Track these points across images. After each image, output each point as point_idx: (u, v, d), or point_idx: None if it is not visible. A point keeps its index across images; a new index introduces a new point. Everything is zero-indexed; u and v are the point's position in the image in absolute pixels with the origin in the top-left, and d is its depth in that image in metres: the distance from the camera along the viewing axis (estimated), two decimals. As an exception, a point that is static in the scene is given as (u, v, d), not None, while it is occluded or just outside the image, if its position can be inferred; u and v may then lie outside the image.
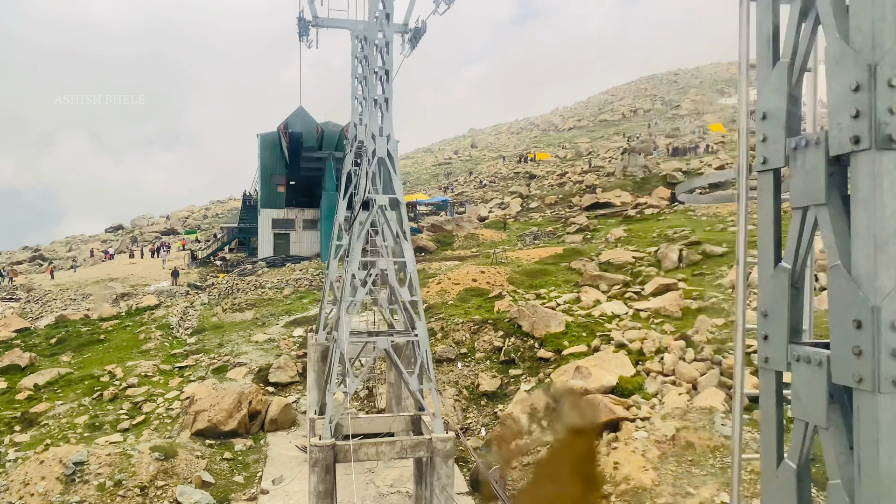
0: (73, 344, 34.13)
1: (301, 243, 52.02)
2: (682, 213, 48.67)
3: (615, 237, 42.41)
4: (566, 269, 36.63)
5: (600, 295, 30.80)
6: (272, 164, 51.96)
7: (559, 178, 76.84)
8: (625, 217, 49.38)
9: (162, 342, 32.51)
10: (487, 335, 27.66)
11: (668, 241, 39.15)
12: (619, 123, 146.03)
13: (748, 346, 25.26)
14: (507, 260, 38.70)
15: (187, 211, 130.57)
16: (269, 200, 51.88)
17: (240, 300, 37.25)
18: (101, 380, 28.43)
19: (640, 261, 36.44)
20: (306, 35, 23.43)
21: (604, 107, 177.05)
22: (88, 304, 41.58)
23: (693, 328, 26.07)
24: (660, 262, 35.97)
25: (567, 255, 38.70)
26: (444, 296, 32.62)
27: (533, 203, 68.38)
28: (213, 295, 40.57)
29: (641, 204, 53.09)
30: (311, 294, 38.01)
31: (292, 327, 32.89)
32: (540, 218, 59.96)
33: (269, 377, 27.06)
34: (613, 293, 31.07)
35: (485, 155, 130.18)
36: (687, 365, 23.68)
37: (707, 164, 70.59)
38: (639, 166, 72.17)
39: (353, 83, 22.79)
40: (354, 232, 16.52)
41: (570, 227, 47.98)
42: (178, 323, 35.33)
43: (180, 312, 37.22)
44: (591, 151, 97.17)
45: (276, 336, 31.96)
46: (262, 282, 40.02)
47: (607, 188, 66.70)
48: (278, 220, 51.79)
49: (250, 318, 35.21)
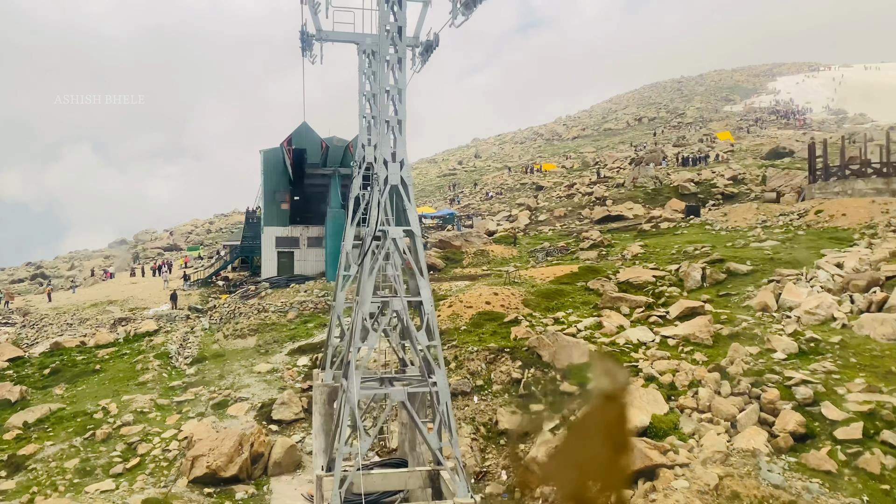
0: (68, 375, 32.50)
1: (305, 262, 50.40)
2: (699, 228, 46.97)
3: (632, 254, 40.71)
4: (583, 289, 34.92)
5: (623, 319, 29.07)
6: (275, 181, 50.41)
7: (567, 190, 75.18)
8: (640, 231, 47.68)
9: (160, 373, 30.85)
10: (505, 365, 25.95)
11: (688, 259, 37.45)
12: (624, 132, 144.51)
13: (787, 377, 23.59)
14: (521, 279, 37.00)
15: (191, 225, 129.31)
16: (273, 218, 50.30)
17: (242, 325, 35.58)
18: (94, 416, 26.77)
19: (661, 280, 34.73)
20: (310, 50, 21.85)
21: (607, 115, 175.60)
22: (85, 330, 39.97)
23: (727, 357, 24.34)
24: (682, 282, 34.26)
25: (583, 274, 36.99)
26: (456, 320, 30.93)
27: (542, 215, 66.75)
28: (214, 319, 38.93)
29: (656, 217, 51.39)
30: (316, 318, 36.35)
31: (297, 355, 31.21)
32: (550, 231, 58.29)
33: (273, 414, 25.36)
34: (637, 317, 29.35)
35: (489, 165, 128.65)
36: (723, 400, 21.94)
37: (719, 174, 68.93)
38: (649, 177, 70.54)
39: (360, 101, 21.21)
40: (365, 269, 14.84)
41: (584, 242, 46.28)
42: (178, 351, 33.69)
43: (180, 339, 35.59)
44: (597, 161, 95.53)
45: (279, 366, 30.27)
46: (266, 305, 38.37)
47: (618, 200, 65.05)
48: (282, 238, 50.19)
49: (253, 344, 33.54)
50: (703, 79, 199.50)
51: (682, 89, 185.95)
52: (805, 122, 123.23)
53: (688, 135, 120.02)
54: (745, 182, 65.87)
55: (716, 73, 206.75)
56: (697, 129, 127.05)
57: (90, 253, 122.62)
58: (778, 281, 31.47)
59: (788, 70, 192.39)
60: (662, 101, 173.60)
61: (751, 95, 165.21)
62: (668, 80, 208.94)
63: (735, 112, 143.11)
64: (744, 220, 46.21)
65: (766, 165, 70.39)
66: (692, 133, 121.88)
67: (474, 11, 16.71)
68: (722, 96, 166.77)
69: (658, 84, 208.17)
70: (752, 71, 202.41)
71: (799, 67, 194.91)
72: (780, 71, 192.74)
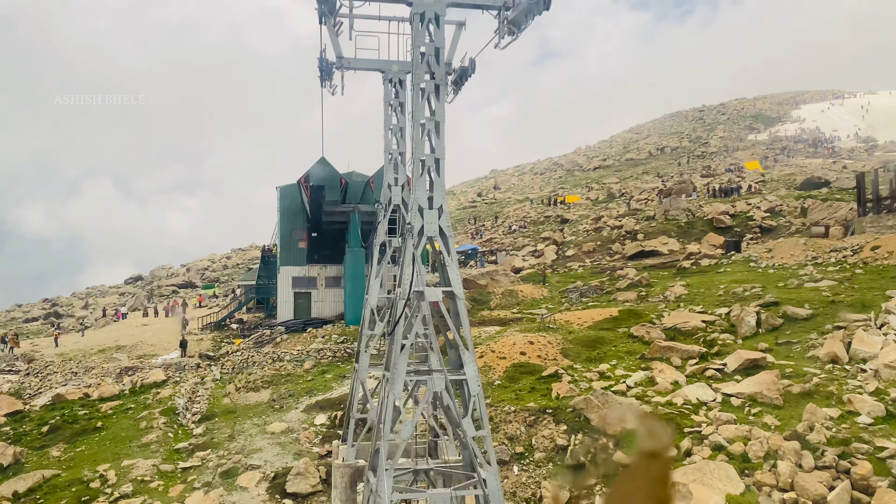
0: (67, 433, 29.98)
1: (323, 303, 47.91)
2: (742, 265, 43.92)
3: (675, 295, 37.71)
4: (626, 336, 31.99)
5: (676, 373, 26.05)
6: (292, 219, 48.20)
7: (595, 223, 72.38)
8: (679, 269, 44.69)
9: (165, 432, 28.22)
10: (547, 429, 23.02)
11: (738, 301, 34.42)
12: (647, 162, 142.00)
13: (878, 447, 20.46)
14: (556, 324, 34.14)
15: (208, 260, 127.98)
16: (289, 257, 47.99)
17: (255, 377, 32.96)
18: (90, 486, 24.13)
19: (712, 326, 31.72)
20: (329, 79, 19.59)
21: (629, 145, 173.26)
22: (90, 380, 37.60)
23: (803, 422, 21.26)
24: (734, 328, 31.23)
25: (624, 318, 34.09)
26: (488, 373, 28.09)
27: (569, 250, 63.96)
28: (226, 368, 36.38)
29: (695, 253, 48.39)
30: (334, 368, 33.68)
31: (314, 412, 28.47)
32: (580, 268, 55.43)
33: (287, 486, 22.56)
34: (691, 370, 26.33)
35: (509, 197, 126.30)
36: (808, 476, 18.84)
37: (755, 206, 65.89)
38: (681, 209, 67.58)
39: (385, 136, 18.83)
40: (396, 339, 12.16)
41: (619, 280, 43.35)
42: (186, 406, 31.09)
43: (189, 391, 33.03)
44: (623, 192, 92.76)
45: (295, 424, 27.55)
46: (280, 353, 35.76)
47: (649, 234, 62.16)
48: (299, 279, 47.82)
49: (266, 399, 30.87)
50: (724, 108, 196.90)
51: (704, 118, 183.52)
52: (834, 151, 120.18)
53: (713, 164, 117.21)
54: (782, 214, 62.77)
55: (737, 101, 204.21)
56: (723, 158, 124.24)
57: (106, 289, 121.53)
58: (845, 328, 28.37)
59: (812, 98, 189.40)
60: (685, 131, 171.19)
61: (775, 124, 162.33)
62: (689, 109, 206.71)
63: (760, 141, 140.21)
64: (791, 257, 43.09)
65: (803, 196, 67.21)
66: (717, 162, 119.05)
67: (523, 31, 14.29)
68: (745, 125, 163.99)
69: (679, 113, 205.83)
70: (775, 99, 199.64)
71: (822, 95, 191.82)
72: (804, 99, 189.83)
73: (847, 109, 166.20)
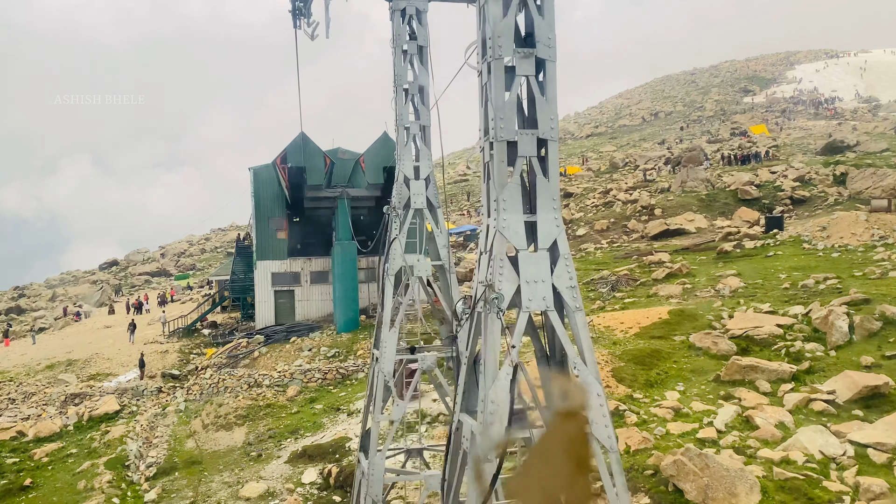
0: (-14, 495, 23.47)
1: (309, 301, 41.35)
2: (793, 246, 37.86)
3: (729, 288, 31.59)
4: (685, 346, 25.92)
5: (777, 410, 19.89)
6: (269, 205, 41.30)
7: (603, 197, 66.09)
8: (720, 252, 38.53)
9: (109, 497, 21.78)
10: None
11: (812, 296, 28.43)
12: (641, 128, 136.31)
13: None
14: (595, 331, 27.96)
15: (186, 242, 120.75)
16: (267, 250, 41.19)
17: (226, 409, 26.55)
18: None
19: (790, 331, 25.67)
20: (306, 15, 12.95)
21: (620, 111, 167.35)
22: (29, 409, 31.04)
23: None
24: (820, 334, 25.21)
25: (676, 322, 28.02)
26: (524, 407, 21.80)
27: (579, 229, 57.67)
28: (192, 394, 29.89)
29: (734, 233, 42.22)
30: (324, 394, 27.34)
31: (301, 464, 22.14)
32: (598, 252, 49.23)
33: None
34: (793, 402, 20.23)
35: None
36: None
37: (781, 174, 59.81)
38: (699, 180, 61.38)
39: (397, 100, 12.25)
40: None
41: (654, 269, 37.16)
42: (140, 451, 24.65)
43: (145, 429, 26.60)
44: (628, 162, 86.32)
45: (276, 484, 21.22)
46: (258, 376, 29.29)
47: (668, 209, 55.98)
48: (279, 275, 41.12)
49: (241, 441, 24.52)
50: (716, 70, 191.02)
51: (697, 81, 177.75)
52: (836, 112, 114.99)
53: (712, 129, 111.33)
54: (813, 183, 56.77)
55: (729, 63, 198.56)
56: (721, 122, 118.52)
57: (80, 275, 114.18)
58: (971, 335, 22.47)
59: (805, 57, 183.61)
60: (677, 95, 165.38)
61: (771, 85, 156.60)
62: (680, 73, 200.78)
63: (758, 103, 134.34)
64: (852, 236, 37.09)
65: (831, 163, 61.13)
66: (717, 126, 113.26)
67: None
68: (740, 87, 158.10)
69: (670, 77, 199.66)
70: (768, 60, 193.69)
71: (816, 55, 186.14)
72: (797, 59, 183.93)
73: (842, 69, 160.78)
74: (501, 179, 5.98)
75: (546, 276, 5.87)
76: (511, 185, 6.03)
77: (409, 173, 11.84)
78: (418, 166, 11.96)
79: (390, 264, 11.40)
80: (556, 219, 6.18)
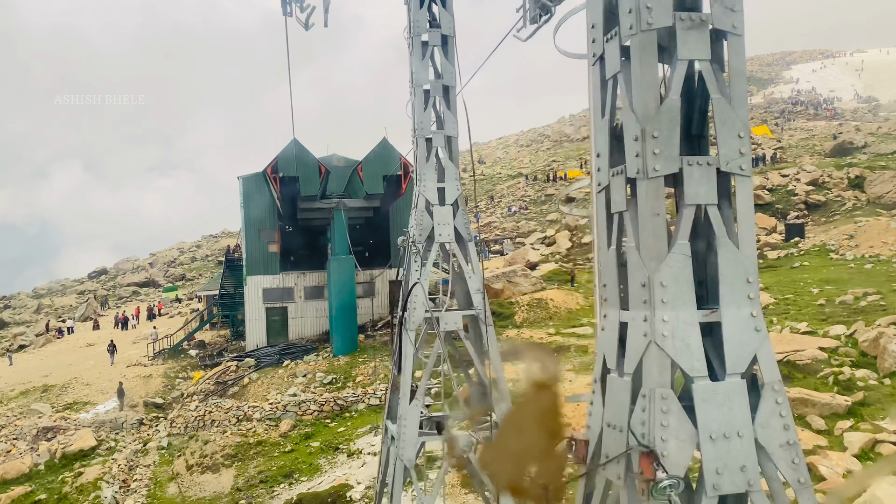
0: (-58, 551, 20.84)
1: (303, 319, 38.72)
2: (820, 256, 35.59)
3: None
4: (719, 373, 23.43)
5: (841, 456, 17.49)
6: (260, 216, 38.70)
7: (608, 203, 63.66)
8: (741, 264, 36.10)
9: (78, 558, 19.18)
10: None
11: (853, 313, 26.10)
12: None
13: None
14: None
15: (177, 250, 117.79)
16: (258, 264, 38.55)
17: (213, 447, 23.95)
18: None
19: (835, 354, 23.29)
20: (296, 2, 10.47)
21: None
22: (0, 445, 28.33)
23: None
24: (869, 357, 22.87)
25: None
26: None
27: (585, 237, 55.33)
28: (176, 426, 27.25)
29: (753, 242, 39.81)
30: (320, 429, 24.75)
31: (298, 517, 19.58)
32: (607, 262, 46.79)
33: None
34: (857, 444, 17.82)
35: (499, 173, 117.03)
36: None
37: (793, 177, 57.59)
38: (708, 184, 58.97)
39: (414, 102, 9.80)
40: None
41: (672, 283, 34.67)
42: (115, 499, 22.02)
43: (123, 469, 23.99)
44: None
45: (270, 542, 18.67)
46: (248, 409, 26.68)
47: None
48: (271, 291, 38.50)
49: (228, 486, 21.94)
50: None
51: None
52: (836, 113, 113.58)
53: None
54: (827, 187, 54.57)
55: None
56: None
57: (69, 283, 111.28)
58: None
59: (801, 58, 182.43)
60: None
61: (768, 86, 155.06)
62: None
63: (756, 104, 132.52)
64: (883, 245, 34.81)
65: (844, 165, 58.97)
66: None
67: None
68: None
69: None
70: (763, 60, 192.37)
71: (811, 55, 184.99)
72: (793, 59, 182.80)
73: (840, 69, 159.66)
74: (652, 253, 3.53)
75: (743, 427, 3.38)
76: (673, 258, 3.58)
77: (433, 198, 9.33)
78: (443, 188, 9.42)
79: (410, 315, 8.84)
80: (756, 316, 3.74)
